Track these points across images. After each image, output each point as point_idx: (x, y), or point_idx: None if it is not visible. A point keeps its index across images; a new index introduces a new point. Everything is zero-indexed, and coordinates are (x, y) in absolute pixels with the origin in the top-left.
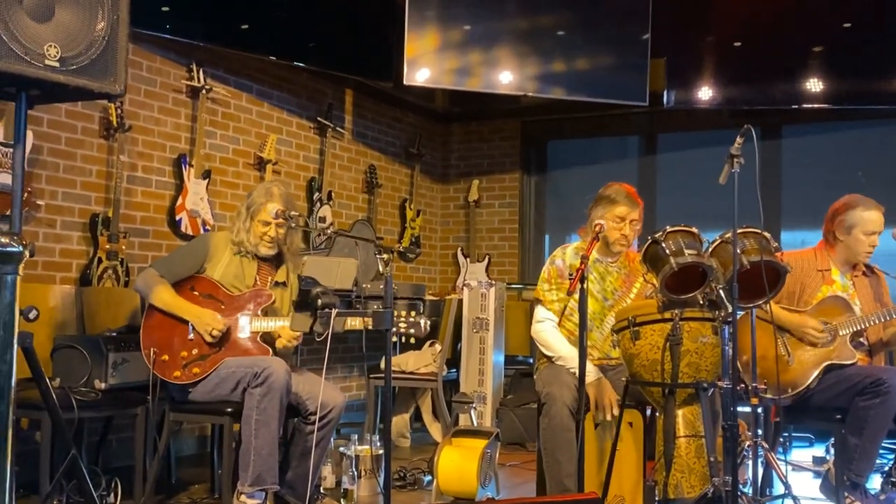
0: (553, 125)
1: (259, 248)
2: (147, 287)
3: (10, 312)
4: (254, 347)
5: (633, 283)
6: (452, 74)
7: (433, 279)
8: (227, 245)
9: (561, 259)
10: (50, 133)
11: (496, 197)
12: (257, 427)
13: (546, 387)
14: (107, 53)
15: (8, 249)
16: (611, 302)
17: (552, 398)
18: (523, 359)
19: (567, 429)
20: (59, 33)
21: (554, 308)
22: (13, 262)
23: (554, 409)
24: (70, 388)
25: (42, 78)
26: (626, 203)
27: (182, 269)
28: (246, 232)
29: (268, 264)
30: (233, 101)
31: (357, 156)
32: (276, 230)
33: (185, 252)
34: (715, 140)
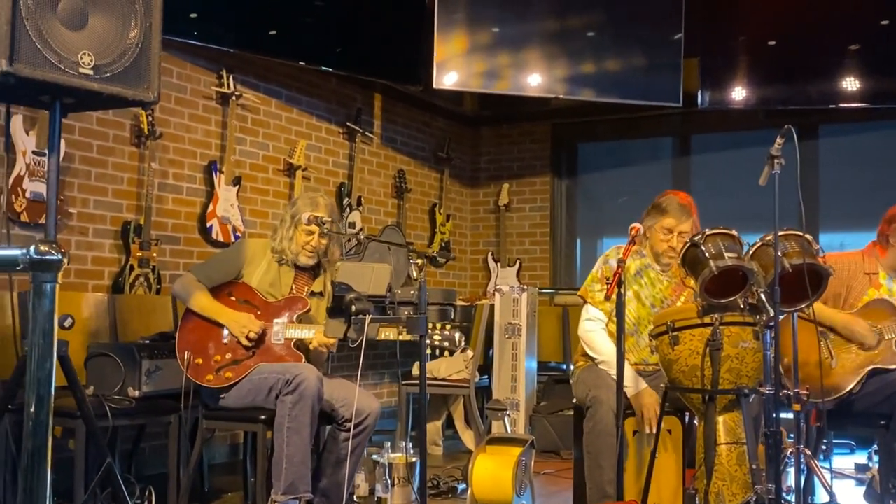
0: (584, 127)
1: (300, 256)
2: (185, 291)
3: (50, 320)
4: (287, 354)
5: (682, 292)
6: (481, 77)
7: (463, 284)
8: (265, 252)
9: (615, 259)
10: (82, 141)
11: (527, 201)
12: (289, 435)
13: (591, 390)
14: (140, 61)
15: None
16: (657, 310)
17: (598, 401)
18: (556, 365)
19: (611, 434)
20: (93, 41)
21: (605, 308)
22: (52, 271)
23: (600, 412)
24: (104, 396)
25: (76, 86)
26: (675, 214)
27: (219, 274)
28: (289, 240)
29: (305, 274)
30: (262, 108)
31: (386, 160)
32: (318, 240)
33: (222, 258)
34: (750, 141)
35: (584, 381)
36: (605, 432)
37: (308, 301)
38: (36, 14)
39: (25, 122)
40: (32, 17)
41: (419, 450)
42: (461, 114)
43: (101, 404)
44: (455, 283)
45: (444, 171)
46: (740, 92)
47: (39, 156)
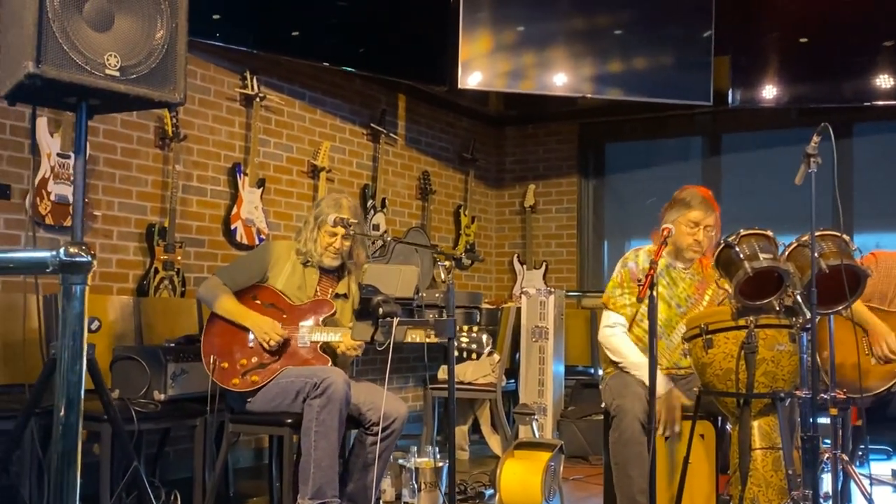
0: (611, 127)
1: (324, 258)
2: (210, 295)
3: (80, 323)
4: (313, 357)
5: (706, 290)
6: (506, 77)
7: (489, 287)
8: (289, 254)
9: (634, 262)
10: (106, 143)
11: (553, 202)
12: (317, 439)
13: (616, 398)
14: (166, 62)
15: (77, 259)
16: (683, 309)
17: (622, 411)
18: (584, 369)
19: (638, 442)
20: (119, 42)
21: (625, 313)
22: (82, 272)
23: (625, 422)
24: (129, 399)
25: (103, 87)
26: (700, 207)
27: (244, 277)
28: (313, 242)
29: (330, 276)
30: (286, 109)
31: (410, 162)
32: (342, 242)
33: (247, 261)
34: (782, 140)
35: (610, 389)
36: (631, 441)
37: (334, 304)
38: (62, 15)
39: (50, 124)
40: (59, 18)
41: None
42: (486, 114)
43: (127, 408)
44: (480, 285)
45: (468, 173)
46: (772, 90)
47: (64, 158)
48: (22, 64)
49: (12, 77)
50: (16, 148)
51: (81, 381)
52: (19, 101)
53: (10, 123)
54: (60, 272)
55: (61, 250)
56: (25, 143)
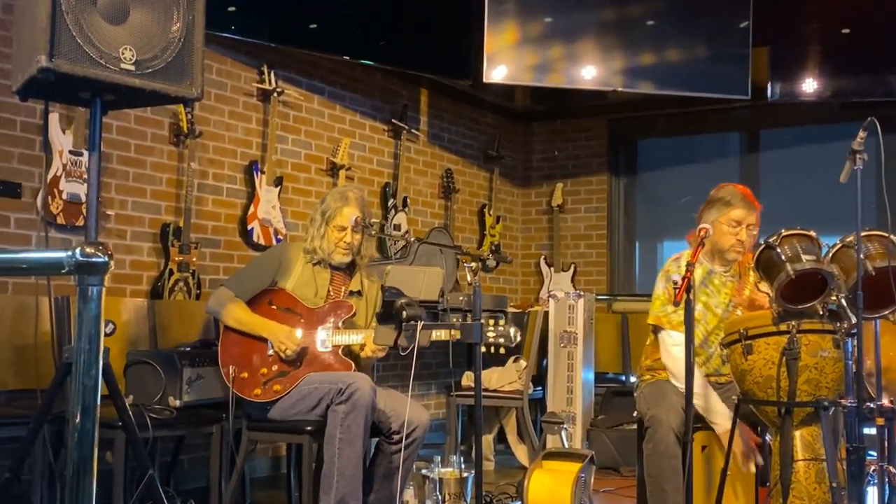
0: (643, 122)
1: (333, 255)
2: (220, 307)
3: (96, 326)
4: (336, 362)
5: (744, 288)
6: (533, 70)
7: (514, 290)
8: (298, 255)
9: (677, 273)
10: (119, 140)
11: (582, 201)
12: (341, 446)
13: (650, 408)
14: (183, 56)
15: (94, 260)
16: (726, 315)
17: (657, 421)
18: (615, 376)
19: (673, 455)
20: (135, 35)
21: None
22: (99, 274)
23: (659, 433)
24: (144, 405)
25: (117, 82)
26: (741, 205)
27: (254, 283)
28: (321, 239)
29: (341, 273)
30: (304, 104)
31: (433, 159)
32: (353, 237)
33: (256, 266)
34: (824, 135)
35: (645, 398)
36: (666, 454)
37: (353, 305)
38: (76, 8)
39: (62, 120)
40: (73, 10)
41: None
42: (512, 109)
43: (142, 414)
44: (506, 288)
45: (493, 171)
46: (812, 83)
47: (76, 156)
48: (35, 58)
49: (25, 71)
50: (27, 145)
51: (97, 386)
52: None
53: (21, 120)
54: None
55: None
56: (37, 140)
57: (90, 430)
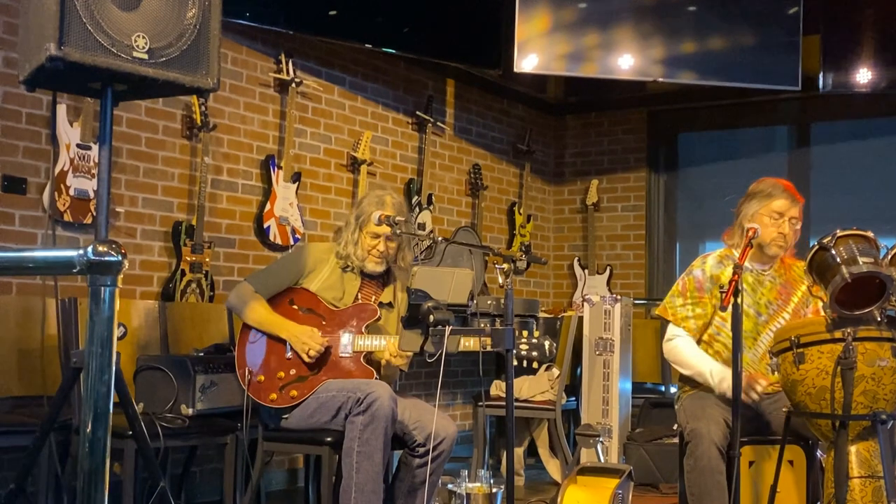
0: (685, 115)
1: (366, 263)
2: (240, 303)
3: (109, 328)
4: (356, 369)
5: (791, 295)
6: (566, 59)
7: (546, 294)
8: (328, 257)
9: (700, 269)
10: (129, 133)
11: (619, 199)
12: (359, 460)
13: (690, 421)
14: (198, 43)
15: (106, 259)
16: (765, 317)
17: (698, 435)
18: (654, 386)
19: (717, 471)
20: (148, 22)
21: (688, 326)
22: (112, 273)
23: (700, 448)
24: (154, 414)
25: (130, 71)
26: (784, 197)
27: (278, 282)
28: (354, 244)
29: (373, 282)
30: (324, 96)
31: (459, 154)
32: (387, 244)
33: (281, 265)
34: (879, 129)
35: (685, 410)
36: (708, 469)
37: (378, 310)
38: None
39: (69, 112)
40: None
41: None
42: (544, 101)
43: (153, 423)
44: (537, 292)
45: (524, 166)
46: (867, 74)
47: (84, 150)
48: (43, 46)
49: (32, 60)
50: (32, 138)
51: (110, 392)
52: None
53: (27, 111)
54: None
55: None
56: (43, 132)
57: (102, 438)
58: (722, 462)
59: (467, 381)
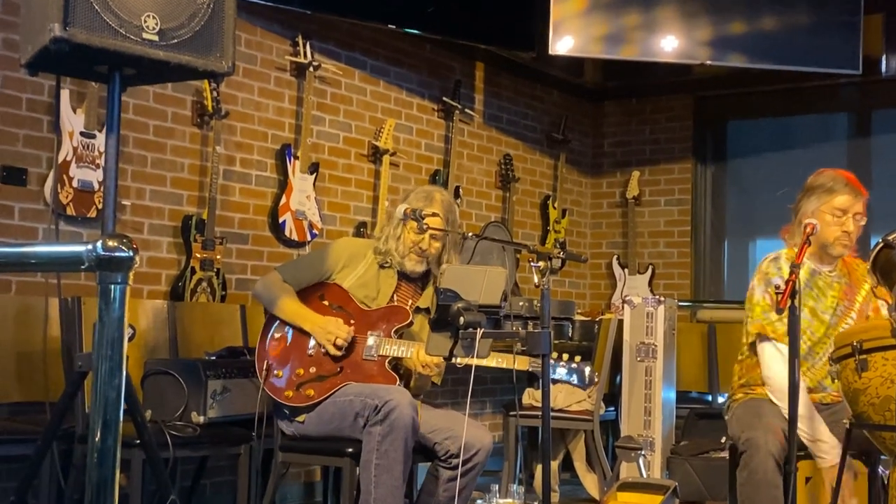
0: (734, 101)
1: (406, 261)
2: (267, 292)
3: (119, 329)
4: (378, 374)
5: (855, 295)
6: (605, 41)
7: (582, 295)
8: (365, 253)
9: (779, 277)
10: (136, 121)
11: (662, 192)
12: (378, 473)
13: (745, 430)
14: (212, 24)
15: (117, 255)
16: (834, 321)
17: (754, 445)
18: (699, 395)
19: (773, 485)
20: (158, 1)
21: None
22: (123, 270)
23: (756, 459)
24: (163, 421)
25: (139, 54)
26: (846, 191)
27: (310, 274)
28: (395, 240)
29: (411, 284)
30: (344, 80)
31: (489, 143)
32: (431, 243)
33: (315, 256)
34: None
35: (738, 419)
36: (764, 483)
37: (410, 313)
38: None
39: (72, 97)
40: None
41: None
42: (581, 86)
43: (161, 431)
44: (572, 293)
45: (559, 157)
46: None
47: (88, 138)
48: (47, 27)
49: (35, 42)
50: (33, 126)
51: (121, 398)
52: (42, 70)
53: (27, 97)
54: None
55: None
56: (45, 120)
57: (112, 447)
58: (778, 476)
59: (497, 389)
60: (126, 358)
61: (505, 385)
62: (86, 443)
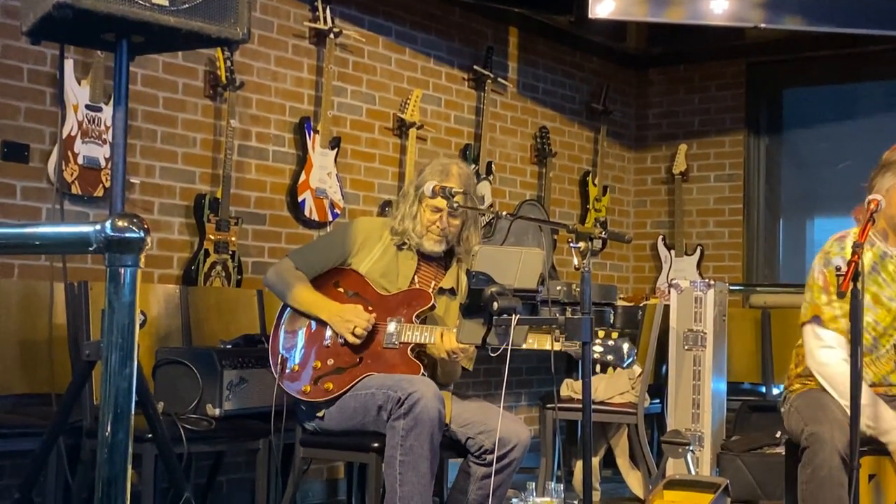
0: (791, 67)
1: (424, 241)
2: (279, 281)
3: (130, 315)
4: (401, 363)
5: None
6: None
7: (624, 279)
8: (381, 234)
9: (840, 256)
10: (145, 93)
11: (711, 167)
12: (403, 470)
13: (809, 424)
14: None
15: (128, 235)
16: None
17: (819, 440)
18: (752, 387)
19: (838, 483)
20: None
21: (839, 326)
22: (133, 252)
23: (821, 455)
24: (177, 414)
25: (148, 20)
26: None
27: (323, 259)
28: (412, 219)
29: (431, 265)
30: (367, 48)
31: (524, 115)
32: (449, 220)
33: (327, 241)
34: None
35: (799, 412)
36: (829, 481)
37: (432, 296)
38: None
39: (77, 67)
40: None
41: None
42: (623, 52)
43: (174, 425)
44: (614, 276)
45: (599, 129)
46: None
47: (94, 111)
48: None
49: (37, 8)
50: (35, 99)
51: (132, 388)
52: (45, 38)
53: (28, 68)
54: (106, 251)
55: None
56: (47, 92)
57: (123, 442)
58: (844, 473)
59: (533, 381)
60: (137, 347)
61: (542, 376)
62: (94, 437)
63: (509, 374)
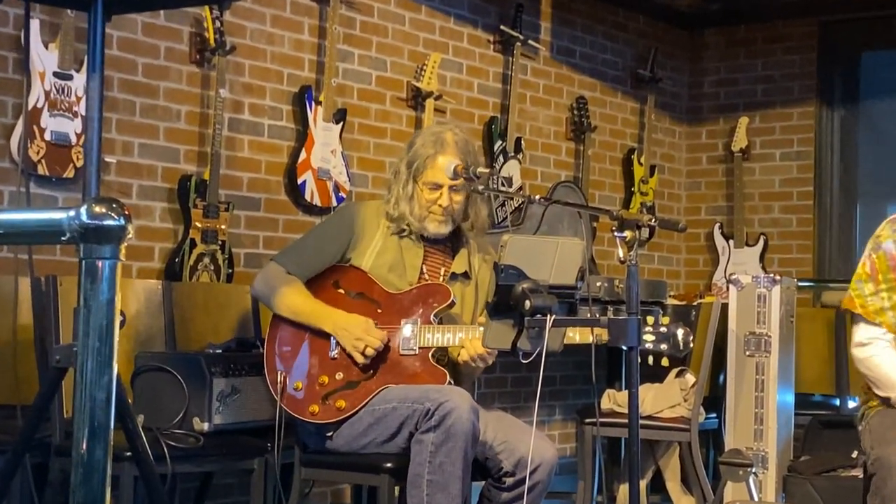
0: (870, 27)
1: (426, 224)
2: (268, 289)
3: (109, 316)
4: (423, 371)
5: None
6: None
7: (675, 272)
8: (378, 221)
9: (891, 240)
10: (122, 58)
11: (777, 143)
12: (431, 491)
13: (876, 447)
14: None
15: (106, 223)
16: None
17: (886, 466)
18: (825, 399)
19: None
20: None
21: (886, 320)
22: (112, 242)
23: (890, 484)
24: (159, 429)
25: None
26: None
27: (317, 258)
28: (408, 201)
29: (439, 249)
30: (377, 5)
31: (559, 83)
32: (451, 197)
33: (319, 234)
34: None
35: (871, 432)
36: None
37: (451, 291)
38: None
39: (44, 30)
40: None
41: None
42: (674, 10)
43: (157, 441)
44: (663, 270)
45: (646, 100)
46: None
47: (64, 79)
48: None
49: None
50: None
51: (111, 400)
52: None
53: None
54: (81, 242)
55: (82, 209)
56: (10, 57)
57: (101, 461)
58: None
59: (568, 391)
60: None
61: (579, 386)
62: (64, 455)
63: (545, 382)
